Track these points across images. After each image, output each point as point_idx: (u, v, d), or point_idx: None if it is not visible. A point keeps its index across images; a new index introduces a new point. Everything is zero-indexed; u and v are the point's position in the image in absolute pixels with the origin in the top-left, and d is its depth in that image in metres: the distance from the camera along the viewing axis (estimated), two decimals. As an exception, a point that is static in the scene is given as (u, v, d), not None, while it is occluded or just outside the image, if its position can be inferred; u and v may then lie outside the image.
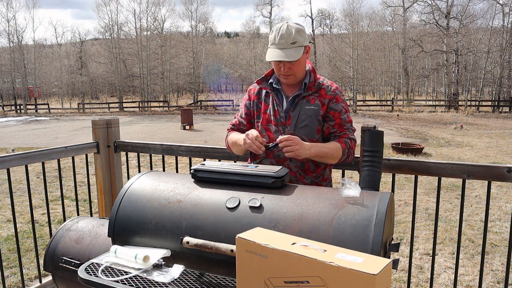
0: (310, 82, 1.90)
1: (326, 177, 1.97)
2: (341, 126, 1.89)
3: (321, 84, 1.91)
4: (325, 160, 1.84)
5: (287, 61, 1.80)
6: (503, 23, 32.10)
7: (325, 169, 1.94)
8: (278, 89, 1.93)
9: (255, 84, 2.03)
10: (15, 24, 43.90)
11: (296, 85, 1.93)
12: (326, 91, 1.90)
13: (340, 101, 1.90)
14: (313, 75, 1.92)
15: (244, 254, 1.11)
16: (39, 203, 5.94)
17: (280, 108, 1.89)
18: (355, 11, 33.73)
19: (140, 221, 1.53)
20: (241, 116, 2.04)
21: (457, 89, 31.04)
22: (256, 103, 1.97)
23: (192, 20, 42.40)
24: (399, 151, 10.35)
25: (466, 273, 3.66)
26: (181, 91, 50.14)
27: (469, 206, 5.70)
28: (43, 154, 2.53)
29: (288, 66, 1.82)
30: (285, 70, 1.83)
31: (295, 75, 1.86)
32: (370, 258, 1.00)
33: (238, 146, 1.91)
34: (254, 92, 2.01)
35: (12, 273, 3.63)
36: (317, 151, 1.77)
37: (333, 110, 1.88)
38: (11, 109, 34.73)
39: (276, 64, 1.86)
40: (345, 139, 1.87)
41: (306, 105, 1.87)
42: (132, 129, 18.24)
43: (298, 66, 1.84)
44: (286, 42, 1.78)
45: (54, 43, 53.32)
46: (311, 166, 1.89)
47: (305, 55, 1.86)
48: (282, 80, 1.91)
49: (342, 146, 1.84)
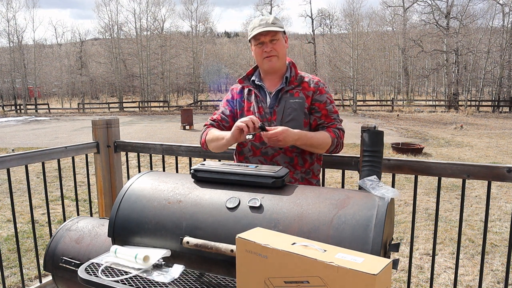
0: (291, 76, 1.91)
1: (316, 174, 1.97)
2: (327, 116, 1.89)
3: (303, 77, 1.93)
4: (313, 149, 1.84)
5: (270, 40, 1.84)
6: (503, 23, 32.13)
7: (313, 164, 1.94)
8: (261, 85, 1.93)
9: (237, 84, 2.04)
10: (15, 24, 43.77)
11: (278, 80, 1.93)
12: (309, 83, 1.91)
13: (324, 92, 1.91)
14: (294, 69, 1.94)
15: (244, 254, 1.11)
16: (39, 203, 5.94)
17: (264, 104, 1.89)
18: (355, 11, 33.70)
19: (140, 221, 1.53)
20: (223, 113, 1.99)
21: (457, 89, 31.04)
22: (239, 101, 1.97)
23: (192, 20, 42.41)
24: (399, 151, 10.35)
25: (466, 273, 3.66)
26: (181, 91, 50.15)
27: (469, 206, 5.70)
28: (43, 154, 2.53)
29: (271, 46, 1.85)
30: (268, 49, 1.85)
31: (278, 57, 1.88)
32: (370, 258, 1.00)
33: (220, 140, 1.83)
34: (237, 91, 2.01)
35: (12, 273, 3.63)
36: (305, 140, 1.77)
37: (318, 102, 1.88)
38: (11, 109, 34.72)
39: (258, 48, 1.88)
40: (334, 129, 1.87)
41: (291, 99, 1.87)
42: (132, 129, 18.24)
43: (280, 47, 1.88)
44: (267, 22, 1.85)
45: (54, 43, 53.38)
46: (300, 161, 1.88)
47: (285, 42, 1.91)
48: (265, 66, 1.90)
49: (331, 135, 1.84)
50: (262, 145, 1.88)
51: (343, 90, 38.61)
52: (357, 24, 32.69)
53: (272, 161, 1.87)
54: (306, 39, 50.53)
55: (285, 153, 1.87)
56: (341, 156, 2.13)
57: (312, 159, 1.92)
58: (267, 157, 1.88)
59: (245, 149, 1.93)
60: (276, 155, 1.87)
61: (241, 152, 1.96)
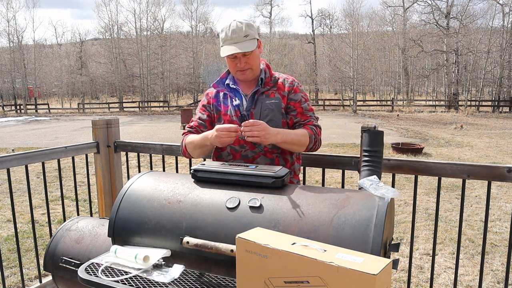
0: (266, 78, 1.90)
1: (297, 173, 1.96)
2: (303, 114, 1.88)
3: (277, 78, 1.92)
4: (292, 147, 1.82)
5: (243, 54, 1.80)
6: (503, 23, 32.13)
7: (293, 164, 1.93)
8: (236, 89, 1.91)
9: (211, 88, 2.01)
10: (15, 24, 43.88)
11: (253, 82, 1.92)
12: (284, 83, 1.91)
13: (298, 91, 1.90)
14: (269, 71, 1.93)
15: (244, 254, 1.11)
16: (39, 203, 5.94)
17: (241, 107, 1.87)
18: (355, 11, 33.71)
19: (140, 221, 1.53)
20: (200, 119, 1.97)
21: (457, 89, 31.05)
22: (215, 106, 1.94)
23: (192, 20, 42.41)
24: (399, 151, 10.34)
25: (466, 273, 3.66)
26: (181, 91, 50.14)
27: (469, 206, 5.70)
28: (43, 154, 2.53)
29: (244, 60, 1.82)
30: (242, 65, 1.82)
31: (252, 69, 1.86)
32: (370, 258, 1.00)
33: (203, 147, 1.83)
34: (212, 96, 1.98)
35: (12, 273, 3.63)
36: (284, 137, 1.75)
37: (293, 101, 1.88)
38: (11, 109, 34.73)
39: (231, 61, 1.84)
40: (311, 126, 1.86)
41: (267, 100, 1.86)
42: (132, 129, 18.24)
43: (253, 59, 1.84)
44: (239, 36, 1.78)
45: (54, 43, 53.34)
46: (281, 162, 1.88)
47: (258, 49, 1.86)
48: (239, 77, 1.89)
49: (309, 132, 1.83)
50: (242, 148, 1.86)
51: (343, 90, 38.63)
52: (357, 24, 32.69)
53: (252, 163, 1.83)
54: (306, 39, 50.51)
55: (266, 155, 1.85)
56: (341, 156, 2.13)
57: (292, 159, 1.92)
58: (248, 159, 1.86)
59: (224, 153, 1.91)
60: (257, 157, 1.85)
61: (220, 156, 1.93)
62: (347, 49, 32.43)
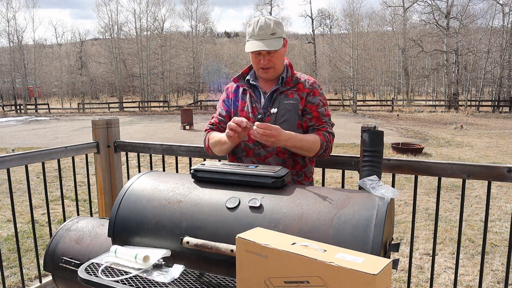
0: (287, 77, 1.88)
1: (309, 176, 1.95)
2: (318, 119, 1.86)
3: (298, 79, 1.90)
4: (302, 152, 1.80)
5: (267, 52, 1.78)
6: (503, 23, 32.13)
7: (305, 166, 1.91)
8: (255, 85, 1.89)
9: (232, 83, 2.00)
10: (15, 24, 43.82)
11: (274, 80, 1.90)
12: (304, 85, 1.88)
13: (317, 94, 1.88)
14: (291, 70, 1.90)
15: (244, 254, 1.11)
16: (39, 203, 5.94)
17: (258, 104, 1.86)
18: (355, 11, 33.70)
19: (140, 221, 1.53)
20: (220, 115, 1.97)
21: (457, 89, 31.05)
22: (234, 101, 1.94)
23: (192, 20, 42.43)
24: (399, 151, 10.34)
25: (466, 273, 3.66)
26: (181, 91, 50.13)
27: (469, 206, 5.70)
28: (43, 154, 2.53)
29: (268, 58, 1.79)
30: (265, 62, 1.80)
31: (274, 68, 1.84)
32: (370, 258, 1.00)
33: (223, 144, 1.83)
34: (231, 90, 1.97)
35: (12, 273, 3.63)
36: (295, 143, 1.73)
37: (311, 103, 1.86)
38: (11, 109, 34.72)
39: (255, 57, 1.82)
40: (324, 132, 1.83)
41: (285, 100, 1.84)
42: (132, 129, 18.24)
43: (278, 58, 1.82)
44: (266, 33, 1.76)
45: (54, 43, 53.38)
46: (290, 163, 1.86)
47: (283, 48, 1.83)
48: (261, 74, 1.87)
49: (321, 138, 1.80)
50: (255, 146, 1.85)
51: (343, 90, 38.61)
52: (357, 24, 32.69)
53: (264, 162, 1.85)
54: (306, 39, 50.54)
55: (278, 154, 1.85)
56: (341, 156, 2.13)
57: (304, 161, 1.90)
58: (260, 158, 1.85)
59: (238, 149, 1.90)
60: (269, 156, 1.85)
61: (234, 152, 1.93)
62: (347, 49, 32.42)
